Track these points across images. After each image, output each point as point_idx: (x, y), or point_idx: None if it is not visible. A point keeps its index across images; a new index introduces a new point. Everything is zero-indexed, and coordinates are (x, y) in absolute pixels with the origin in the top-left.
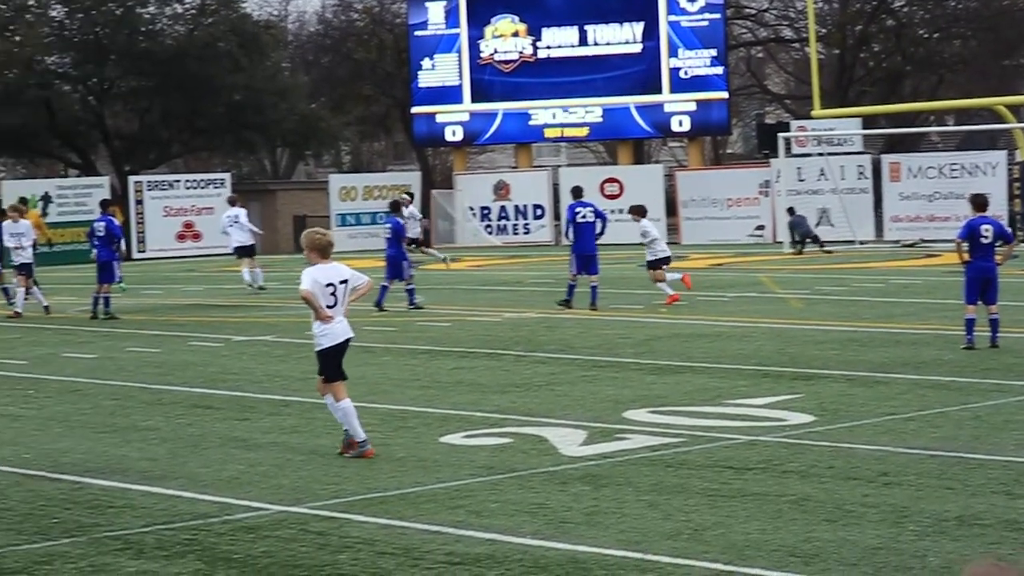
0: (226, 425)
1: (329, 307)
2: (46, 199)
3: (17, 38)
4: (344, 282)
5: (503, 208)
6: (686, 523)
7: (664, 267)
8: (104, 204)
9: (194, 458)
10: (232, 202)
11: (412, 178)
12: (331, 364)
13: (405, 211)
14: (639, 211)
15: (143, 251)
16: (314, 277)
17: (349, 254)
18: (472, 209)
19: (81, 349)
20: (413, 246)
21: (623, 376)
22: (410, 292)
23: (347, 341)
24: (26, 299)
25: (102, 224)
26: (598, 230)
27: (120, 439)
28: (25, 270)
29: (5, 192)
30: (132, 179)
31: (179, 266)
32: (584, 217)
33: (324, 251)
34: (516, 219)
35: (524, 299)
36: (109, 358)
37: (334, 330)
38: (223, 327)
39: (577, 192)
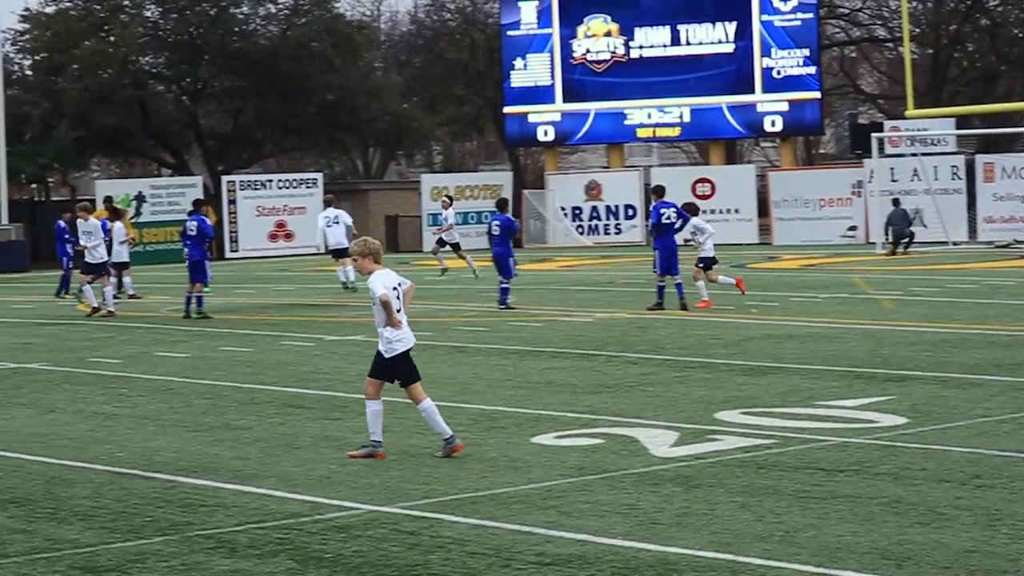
0: (318, 425)
1: (396, 311)
2: (140, 199)
3: (112, 38)
4: (399, 286)
5: (594, 208)
6: (778, 525)
7: (708, 268)
8: (197, 204)
9: (286, 457)
10: (328, 203)
11: (504, 178)
12: (408, 366)
13: (447, 213)
14: (691, 209)
15: (235, 251)
16: (383, 281)
17: (440, 253)
18: (563, 209)
19: (174, 348)
20: (448, 248)
21: (715, 377)
22: (504, 291)
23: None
24: (116, 295)
25: (194, 224)
26: (678, 230)
27: (213, 438)
28: (95, 269)
29: (99, 191)
30: (225, 179)
31: (271, 266)
32: (668, 218)
33: (378, 256)
34: (607, 219)
35: (615, 299)
36: (202, 357)
37: (406, 334)
38: (315, 327)
39: (660, 192)
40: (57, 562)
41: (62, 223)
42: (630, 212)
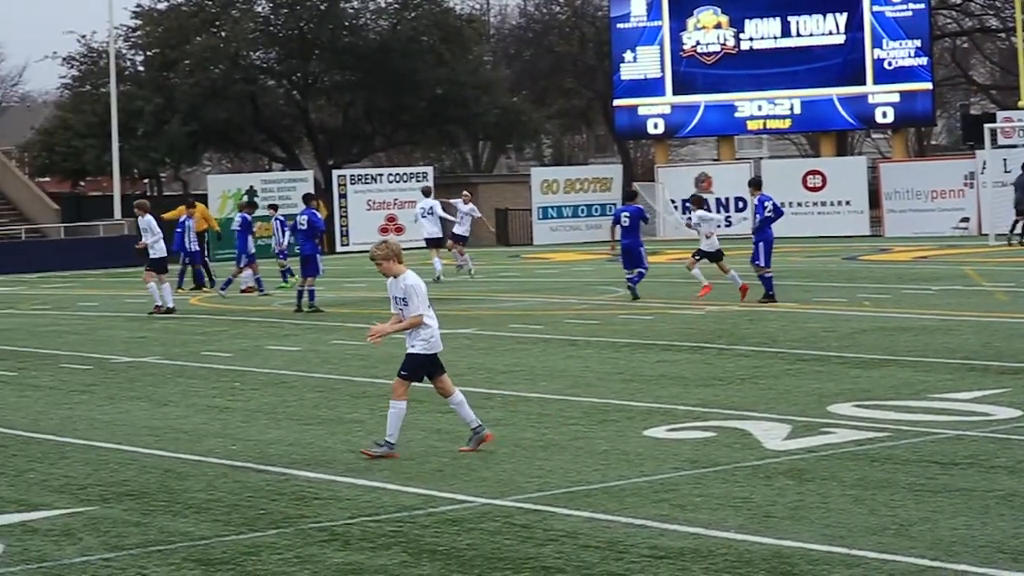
0: (430, 418)
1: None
2: (251, 193)
3: (223, 34)
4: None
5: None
6: (892, 518)
7: (706, 260)
8: (307, 198)
9: (398, 450)
10: (426, 192)
11: (613, 171)
12: (438, 362)
13: (463, 207)
14: (698, 202)
15: (346, 244)
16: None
17: (550, 247)
18: (674, 202)
19: (285, 342)
20: (459, 243)
21: (827, 370)
22: (632, 280)
23: None
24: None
25: (305, 218)
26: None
27: (325, 431)
28: (157, 266)
29: (211, 186)
30: (335, 173)
31: None
32: (769, 211)
33: (401, 257)
34: (718, 212)
35: (726, 292)
36: (313, 351)
37: (437, 332)
38: None
39: (758, 184)
40: (172, 554)
41: (183, 218)
42: (740, 204)
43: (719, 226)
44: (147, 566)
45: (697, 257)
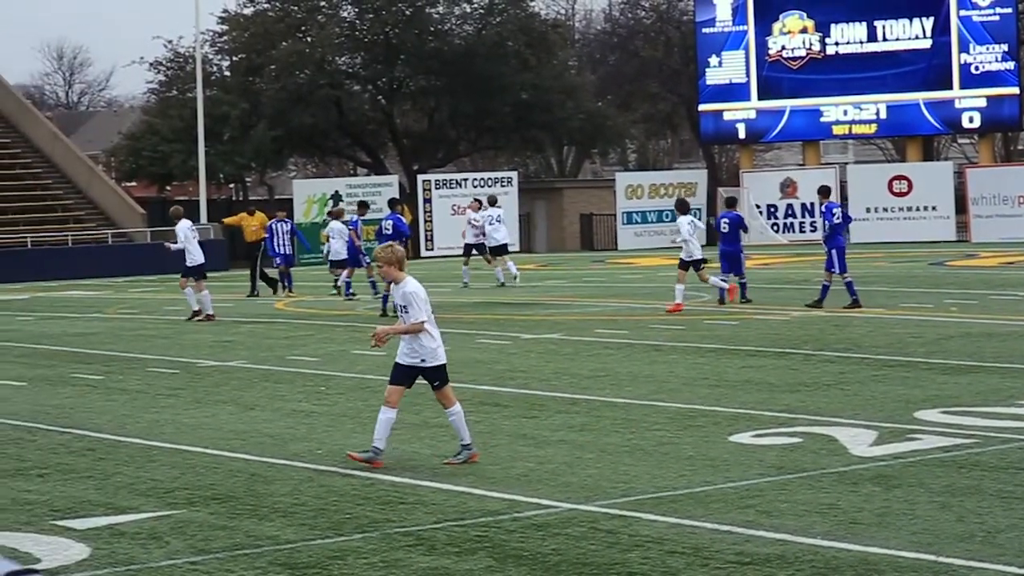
0: (514, 423)
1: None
2: (336, 198)
3: (309, 39)
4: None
5: (789, 206)
6: (979, 525)
7: (695, 269)
8: (392, 203)
9: (483, 455)
10: (492, 201)
11: (698, 176)
12: (445, 371)
13: (474, 215)
14: (683, 208)
15: (431, 249)
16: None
17: (635, 252)
18: (759, 207)
19: (370, 347)
20: (474, 253)
21: (914, 376)
22: (743, 286)
23: None
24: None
25: (390, 222)
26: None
27: (410, 436)
28: (193, 272)
29: (296, 191)
30: (420, 178)
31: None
32: (838, 218)
33: (403, 264)
34: (803, 217)
35: (811, 298)
36: None
37: (440, 346)
38: (511, 324)
39: (827, 192)
40: (258, 558)
41: (275, 223)
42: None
43: (690, 236)
44: (233, 569)
45: (685, 268)
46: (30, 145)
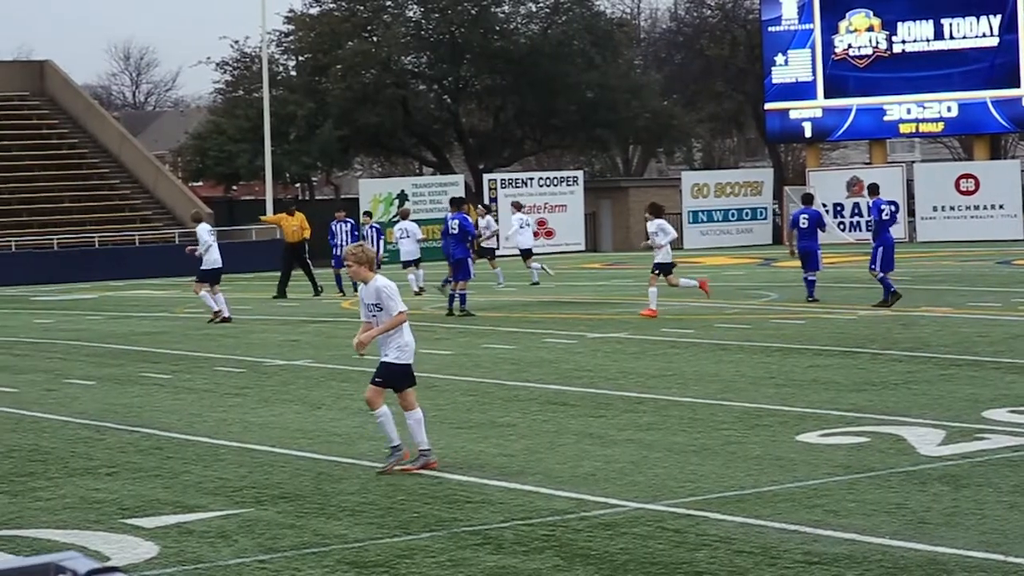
0: (581, 422)
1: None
2: (402, 197)
3: (375, 39)
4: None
5: (856, 205)
6: None
7: (662, 274)
8: (457, 202)
9: (550, 454)
10: (518, 207)
11: (764, 175)
12: (410, 373)
13: (482, 221)
14: (656, 210)
15: (497, 248)
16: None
17: (701, 251)
18: (825, 206)
19: (437, 346)
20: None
21: (982, 375)
22: (812, 283)
23: None
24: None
25: (456, 222)
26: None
27: (477, 435)
28: (208, 277)
29: (362, 190)
30: (486, 177)
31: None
32: (887, 215)
33: (372, 265)
34: (870, 215)
35: (878, 297)
36: (465, 354)
37: (412, 342)
38: (577, 324)
39: (876, 189)
40: (326, 557)
41: (335, 224)
42: (892, 208)
43: (659, 236)
44: (301, 568)
45: (657, 272)
46: (98, 145)
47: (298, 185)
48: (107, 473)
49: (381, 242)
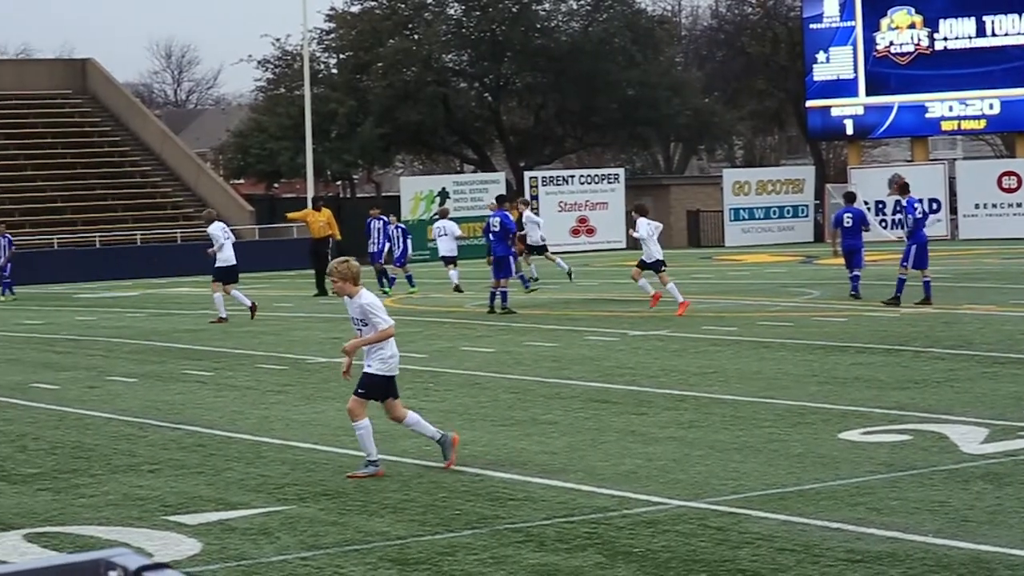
0: (623, 419)
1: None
2: (443, 195)
3: (416, 36)
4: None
5: (897, 202)
6: None
7: (656, 271)
8: (499, 200)
9: (592, 452)
10: (527, 204)
11: (806, 172)
12: (394, 385)
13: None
14: (641, 210)
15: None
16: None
17: (742, 249)
18: (867, 203)
19: (479, 343)
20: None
21: None
22: (855, 279)
23: None
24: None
25: (497, 220)
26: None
27: (519, 432)
28: (223, 276)
29: (403, 188)
30: (527, 174)
31: (573, 261)
32: (920, 213)
33: (358, 279)
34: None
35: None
36: (507, 352)
37: (396, 353)
38: (618, 321)
39: (907, 188)
40: (368, 554)
41: (370, 221)
42: (934, 206)
43: (649, 236)
44: (344, 565)
45: (643, 268)
46: (139, 143)
47: (339, 183)
48: (150, 470)
49: (408, 241)
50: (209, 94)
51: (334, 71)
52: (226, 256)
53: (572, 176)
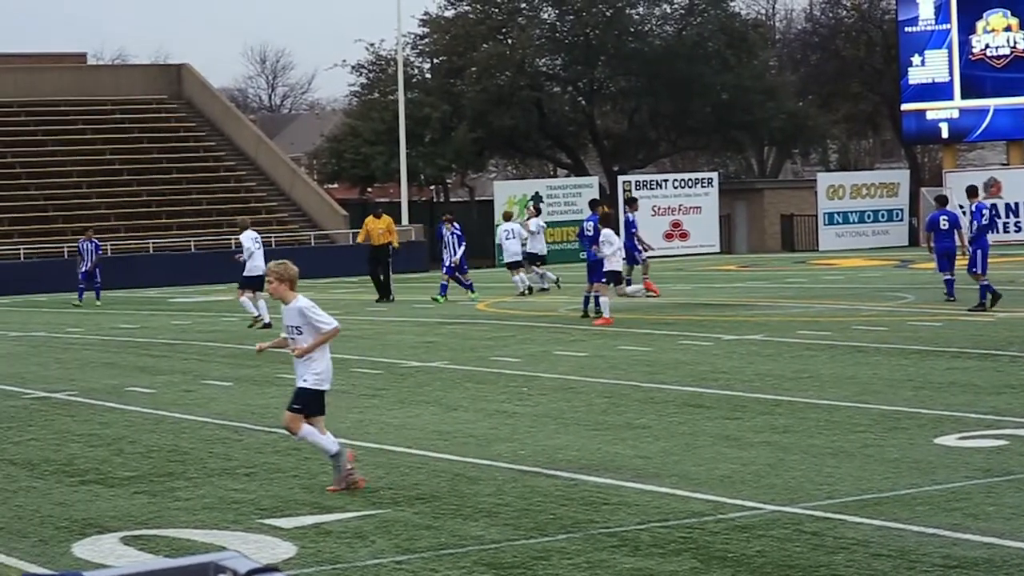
0: (717, 424)
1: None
2: (536, 199)
3: (509, 41)
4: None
5: (993, 206)
6: None
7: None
8: (593, 204)
9: (687, 456)
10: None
11: (900, 176)
12: (322, 401)
13: (532, 224)
14: (607, 219)
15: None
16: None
17: (837, 253)
18: (962, 207)
19: (572, 347)
20: (539, 263)
21: None
22: (950, 283)
23: None
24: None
25: (591, 224)
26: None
27: (613, 436)
28: (250, 283)
29: (497, 193)
30: (621, 179)
31: (667, 265)
32: (986, 219)
33: (295, 283)
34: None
35: (1018, 299)
36: (600, 356)
37: (329, 369)
38: (712, 326)
39: (975, 192)
40: (463, 558)
41: (441, 227)
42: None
43: (606, 247)
44: (438, 569)
45: (604, 280)
46: (234, 148)
47: (433, 187)
48: (245, 474)
49: (463, 248)
50: (303, 99)
51: (428, 76)
52: (254, 264)
53: (666, 180)
